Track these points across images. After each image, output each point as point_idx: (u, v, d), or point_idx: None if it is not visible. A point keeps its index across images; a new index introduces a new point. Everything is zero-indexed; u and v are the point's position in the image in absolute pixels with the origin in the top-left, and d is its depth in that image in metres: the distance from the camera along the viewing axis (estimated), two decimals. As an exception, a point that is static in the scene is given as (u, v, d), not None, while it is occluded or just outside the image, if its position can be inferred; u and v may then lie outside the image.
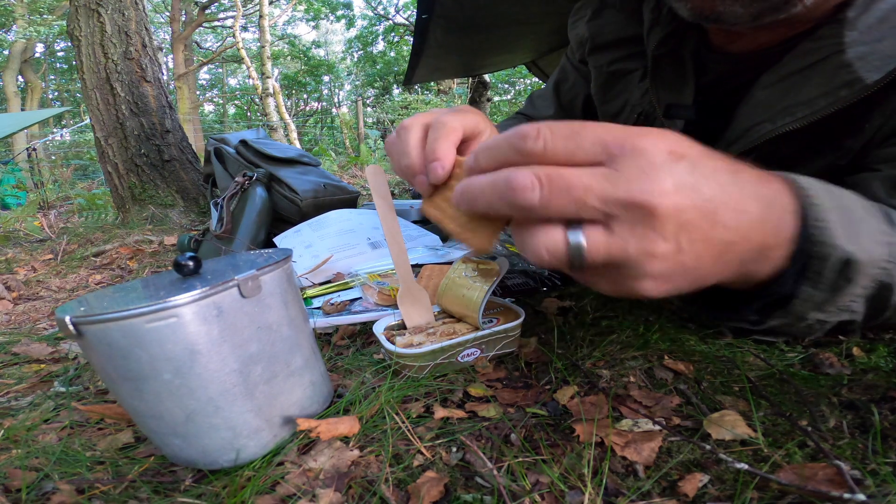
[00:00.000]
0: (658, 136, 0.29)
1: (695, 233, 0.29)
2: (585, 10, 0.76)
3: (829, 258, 0.35)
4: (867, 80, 0.46)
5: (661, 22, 0.62)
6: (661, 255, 0.29)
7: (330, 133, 10.25)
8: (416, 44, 1.61)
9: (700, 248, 0.30)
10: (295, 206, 1.16)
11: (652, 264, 0.30)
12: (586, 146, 0.29)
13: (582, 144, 0.29)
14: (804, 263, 0.36)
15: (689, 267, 0.31)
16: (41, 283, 1.20)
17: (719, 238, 0.30)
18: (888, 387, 0.39)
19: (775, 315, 0.41)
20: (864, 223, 0.37)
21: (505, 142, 0.31)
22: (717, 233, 0.30)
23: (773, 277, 0.37)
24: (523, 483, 0.33)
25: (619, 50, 0.70)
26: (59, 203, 3.28)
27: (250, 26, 13.87)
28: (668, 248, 0.29)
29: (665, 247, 0.29)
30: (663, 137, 0.29)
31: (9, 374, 0.62)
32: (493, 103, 8.91)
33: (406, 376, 0.49)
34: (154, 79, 1.94)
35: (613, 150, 0.29)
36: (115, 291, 0.40)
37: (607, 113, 0.74)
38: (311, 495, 0.34)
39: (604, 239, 0.30)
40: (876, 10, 0.47)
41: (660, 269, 0.30)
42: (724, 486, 0.32)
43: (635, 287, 0.32)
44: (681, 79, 0.62)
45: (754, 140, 0.54)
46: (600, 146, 0.29)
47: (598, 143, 0.29)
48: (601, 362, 0.49)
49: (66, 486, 0.37)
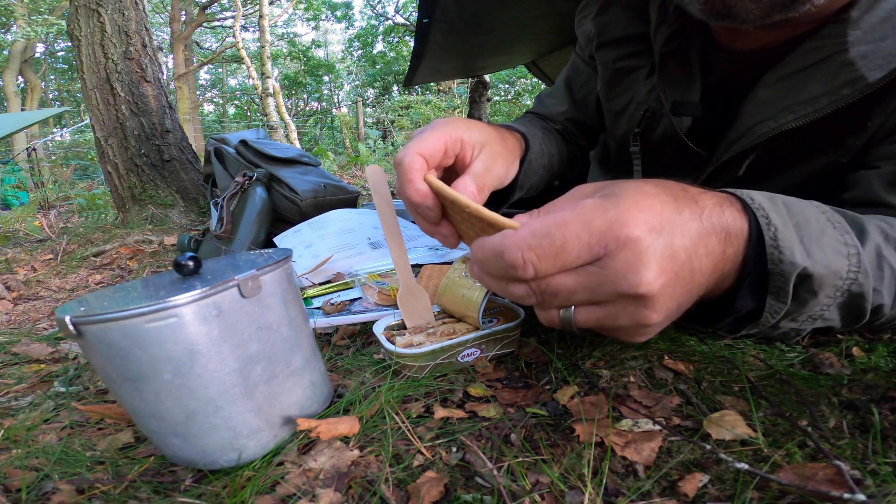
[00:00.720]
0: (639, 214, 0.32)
1: (678, 293, 0.34)
2: (591, 7, 0.75)
3: (788, 274, 0.38)
4: (869, 79, 0.46)
5: (667, 20, 0.62)
6: (653, 323, 0.34)
7: (330, 133, 10.25)
8: (416, 47, 1.62)
9: (682, 300, 0.35)
10: (295, 206, 1.16)
11: (644, 329, 0.35)
12: (573, 258, 0.32)
13: (569, 258, 0.32)
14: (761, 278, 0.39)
15: (673, 315, 0.36)
16: (41, 283, 1.20)
17: (695, 283, 0.35)
18: (888, 387, 0.39)
19: (748, 326, 0.44)
20: (825, 236, 0.39)
21: (494, 263, 0.34)
22: (693, 280, 0.34)
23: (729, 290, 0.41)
24: (523, 483, 0.33)
25: (625, 47, 0.70)
26: (59, 203, 3.28)
27: (250, 26, 13.88)
28: (658, 318, 0.33)
29: (656, 316, 0.33)
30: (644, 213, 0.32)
31: (9, 374, 0.62)
32: (492, 103, 8.90)
33: (406, 376, 0.49)
34: (154, 79, 1.94)
35: (598, 251, 0.32)
36: (115, 291, 0.40)
37: (612, 109, 0.74)
38: (311, 495, 0.34)
39: (594, 314, 0.35)
40: (879, 9, 0.47)
41: (651, 330, 0.35)
42: (724, 486, 0.32)
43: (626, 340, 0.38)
44: (687, 76, 0.63)
45: (757, 137, 0.54)
46: (586, 252, 0.32)
47: (584, 250, 0.32)
48: (601, 362, 0.49)
49: (66, 486, 0.37)
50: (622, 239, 0.31)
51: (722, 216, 0.36)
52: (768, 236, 0.37)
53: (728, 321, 0.44)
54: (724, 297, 0.42)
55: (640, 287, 0.31)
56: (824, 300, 0.40)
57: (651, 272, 0.31)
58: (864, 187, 0.50)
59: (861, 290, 0.40)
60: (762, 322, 0.42)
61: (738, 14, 0.48)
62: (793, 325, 0.43)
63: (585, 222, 0.31)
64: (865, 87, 0.46)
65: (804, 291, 0.39)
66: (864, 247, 0.40)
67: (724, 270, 0.37)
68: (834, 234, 0.39)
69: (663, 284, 0.32)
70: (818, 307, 0.41)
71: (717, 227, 0.35)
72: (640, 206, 0.32)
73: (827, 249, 0.38)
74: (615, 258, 0.31)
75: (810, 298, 0.40)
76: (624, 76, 0.71)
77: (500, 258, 0.33)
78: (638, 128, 0.69)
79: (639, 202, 0.32)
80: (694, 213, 0.34)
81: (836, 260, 0.38)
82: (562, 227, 0.31)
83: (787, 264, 0.37)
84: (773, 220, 0.37)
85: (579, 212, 0.32)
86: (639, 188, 0.33)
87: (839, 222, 0.40)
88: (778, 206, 0.38)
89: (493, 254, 0.33)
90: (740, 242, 0.37)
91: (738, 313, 0.42)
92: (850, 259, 0.39)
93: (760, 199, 0.38)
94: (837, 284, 0.39)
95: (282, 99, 9.04)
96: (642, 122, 0.68)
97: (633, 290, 0.31)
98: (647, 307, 0.32)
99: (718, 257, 0.36)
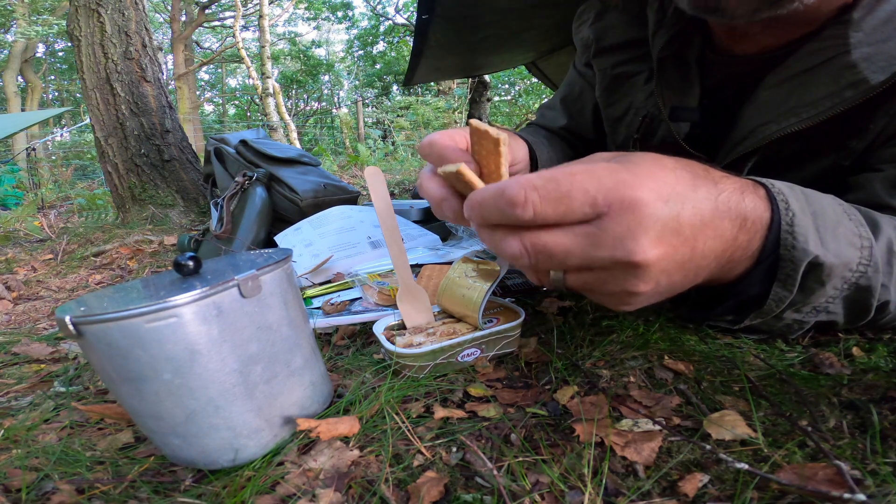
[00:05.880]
0: (650, 181, 0.30)
1: (673, 270, 0.32)
2: (589, 14, 0.76)
3: (799, 262, 0.37)
4: (872, 81, 0.46)
5: (665, 24, 0.62)
6: (641, 293, 0.33)
7: (330, 133, 10.25)
8: (416, 44, 1.61)
9: (676, 277, 0.33)
10: (295, 206, 1.16)
11: (631, 298, 0.34)
12: (575, 208, 0.30)
13: (571, 206, 0.30)
14: (774, 265, 0.38)
15: (664, 292, 0.34)
16: (41, 283, 1.20)
17: (695, 264, 0.33)
18: (888, 387, 0.39)
19: (751, 314, 0.43)
20: (840, 226, 0.39)
21: (493, 204, 0.32)
22: (693, 262, 0.33)
23: (740, 278, 0.40)
24: (523, 483, 0.33)
25: (624, 52, 0.70)
26: (59, 203, 3.28)
27: (250, 26, 13.88)
28: (648, 288, 0.32)
29: (645, 287, 0.32)
30: (655, 182, 0.31)
31: (9, 374, 0.62)
32: (492, 103, 8.91)
33: (406, 376, 0.49)
34: (154, 79, 1.94)
35: (602, 208, 0.30)
36: (115, 291, 0.40)
37: (611, 116, 0.75)
38: (311, 495, 0.34)
39: (584, 279, 0.34)
40: (881, 11, 0.47)
41: (638, 301, 0.34)
42: (724, 486, 0.32)
43: (614, 307, 0.36)
44: (686, 81, 0.63)
45: (759, 140, 0.54)
46: (589, 206, 0.30)
47: (588, 203, 0.30)
48: (601, 362, 0.49)
49: (66, 486, 0.37)
50: (627, 200, 0.29)
51: (741, 201, 0.35)
52: (785, 221, 0.36)
53: (730, 304, 0.43)
54: (730, 286, 0.41)
55: (635, 255, 0.30)
56: (831, 291, 0.40)
57: (648, 240, 0.30)
58: (867, 190, 0.50)
59: (869, 283, 0.40)
60: (766, 310, 0.41)
61: (726, 9, 0.48)
62: (796, 317, 0.43)
63: (595, 177, 0.30)
64: (868, 89, 0.46)
65: (812, 280, 0.39)
66: (877, 241, 0.40)
67: (733, 257, 0.36)
68: (849, 225, 0.39)
69: (659, 256, 0.30)
70: (824, 298, 0.41)
71: (733, 212, 0.34)
72: (654, 174, 0.31)
73: (841, 240, 0.38)
74: (616, 220, 0.30)
75: (818, 288, 0.39)
76: (623, 82, 0.71)
77: (500, 197, 0.31)
78: (637, 134, 0.69)
79: (653, 171, 0.31)
80: (710, 192, 0.33)
81: (848, 251, 0.38)
82: (569, 175, 0.30)
83: (799, 251, 0.36)
84: (791, 205, 0.37)
85: (591, 167, 0.30)
86: (658, 159, 0.32)
87: (854, 215, 0.40)
88: (797, 194, 0.38)
89: (494, 193, 0.31)
90: (757, 230, 0.36)
91: (741, 297, 0.41)
92: (863, 252, 0.39)
93: (780, 185, 0.38)
94: (846, 276, 0.39)
95: (282, 99, 9.04)
96: (641, 128, 0.68)
97: (628, 256, 0.30)
98: (637, 276, 0.31)
99: (728, 242, 0.35)
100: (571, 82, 0.84)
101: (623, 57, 0.70)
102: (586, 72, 0.80)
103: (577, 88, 0.82)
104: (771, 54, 0.55)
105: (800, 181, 0.58)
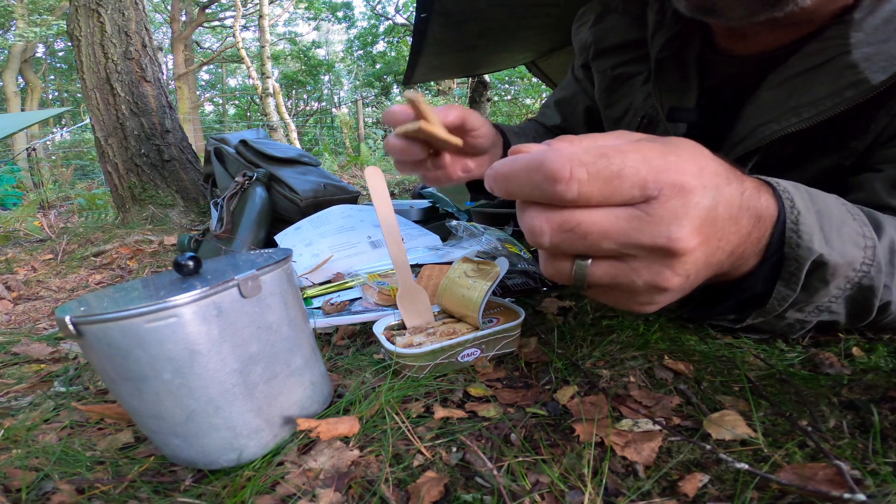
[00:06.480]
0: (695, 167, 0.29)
1: (701, 263, 0.30)
2: (588, 16, 0.76)
3: (803, 260, 0.37)
4: (873, 81, 0.46)
5: (665, 25, 0.62)
6: (669, 289, 0.30)
7: (330, 133, 10.24)
8: (415, 43, 1.61)
9: (702, 272, 0.31)
10: (295, 207, 1.16)
11: (657, 295, 0.31)
12: (624, 190, 0.28)
13: (619, 190, 0.27)
14: (778, 263, 0.38)
15: (687, 288, 0.32)
16: (41, 283, 1.20)
17: (716, 259, 0.32)
18: (888, 387, 0.39)
19: (753, 313, 0.43)
20: (845, 226, 0.39)
21: (527, 178, 0.28)
22: (715, 256, 0.32)
23: (745, 275, 0.40)
24: (523, 483, 0.33)
25: (623, 54, 0.70)
26: (59, 203, 3.28)
27: (250, 26, 13.88)
28: (679, 282, 0.30)
29: (677, 281, 0.30)
30: (700, 169, 0.29)
31: (9, 374, 0.62)
32: (492, 103, 8.90)
33: (406, 376, 0.49)
34: (154, 79, 1.94)
35: (652, 191, 0.28)
36: (115, 291, 0.40)
37: (611, 117, 0.75)
38: (311, 495, 0.34)
39: (612, 270, 0.30)
40: (882, 11, 0.47)
41: (662, 299, 0.32)
42: (724, 486, 0.32)
43: (635, 308, 0.33)
44: (684, 82, 0.63)
45: (760, 140, 0.54)
46: (639, 189, 0.28)
47: (637, 186, 0.27)
48: (601, 362, 0.49)
49: (66, 486, 0.37)
50: (678, 185, 0.28)
51: (759, 199, 0.35)
52: (790, 220, 0.36)
53: (732, 302, 0.43)
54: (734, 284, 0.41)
55: (678, 241, 0.28)
56: (834, 290, 0.40)
57: (691, 227, 0.28)
58: (868, 190, 0.50)
59: (872, 283, 0.40)
60: (768, 309, 0.41)
61: (722, 10, 0.48)
62: (798, 316, 0.43)
63: (646, 157, 0.28)
64: (869, 89, 0.46)
65: (816, 280, 0.39)
66: (880, 241, 0.40)
67: (744, 254, 0.36)
68: (853, 224, 0.39)
69: (696, 245, 0.29)
70: (827, 298, 0.41)
71: (752, 209, 0.34)
72: (698, 161, 0.29)
73: (845, 239, 0.38)
74: (664, 205, 0.28)
75: (821, 287, 0.40)
76: (622, 83, 0.71)
77: (536, 169, 0.28)
78: None
79: (697, 157, 0.30)
80: (738, 188, 0.33)
81: (852, 250, 0.39)
82: (620, 153, 0.27)
83: (804, 249, 0.37)
84: (797, 204, 0.37)
85: (639, 146, 0.28)
86: (695, 146, 0.31)
87: (858, 215, 0.41)
88: (801, 193, 0.38)
89: (529, 164, 0.28)
90: (767, 227, 0.36)
91: (744, 295, 0.41)
92: (866, 251, 0.39)
93: (785, 184, 0.38)
94: (850, 276, 0.39)
95: (282, 99, 9.03)
96: (640, 129, 0.68)
97: (670, 243, 0.28)
98: (671, 267, 0.29)
99: (743, 238, 0.34)
100: (566, 85, 0.86)
101: (623, 58, 0.71)
102: (581, 75, 0.81)
103: (571, 91, 0.85)
104: (772, 54, 0.55)
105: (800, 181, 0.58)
